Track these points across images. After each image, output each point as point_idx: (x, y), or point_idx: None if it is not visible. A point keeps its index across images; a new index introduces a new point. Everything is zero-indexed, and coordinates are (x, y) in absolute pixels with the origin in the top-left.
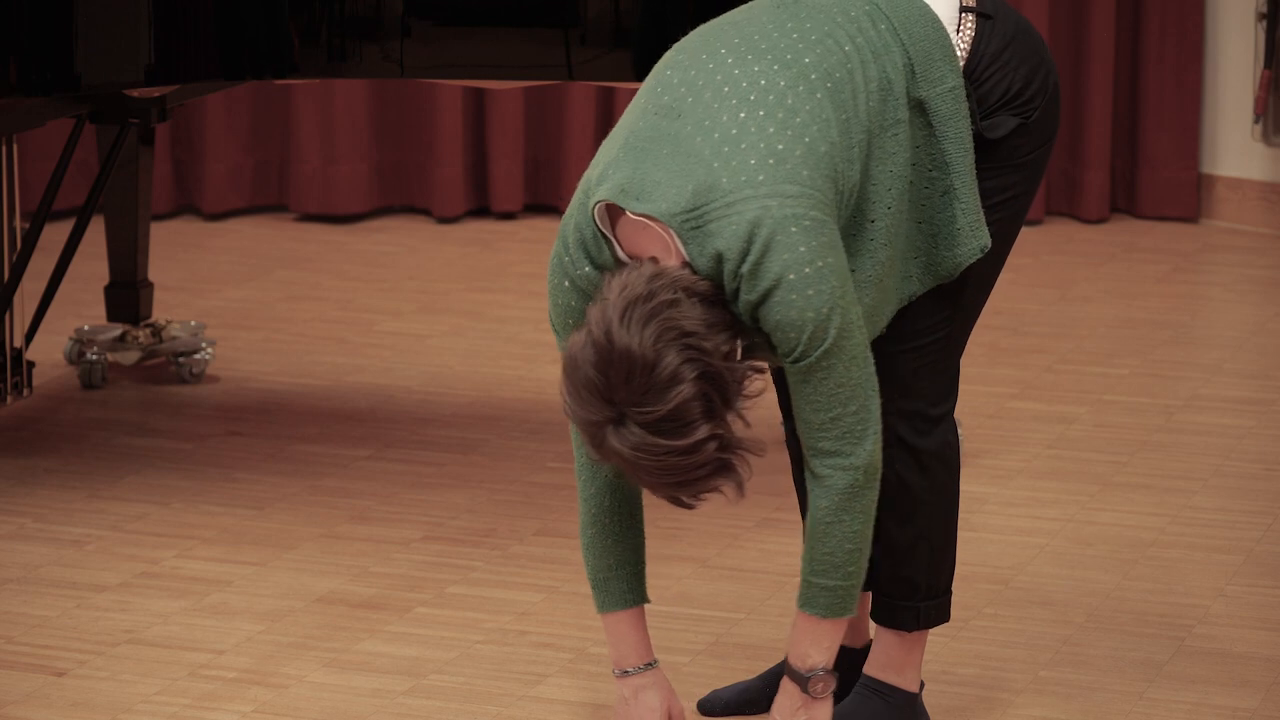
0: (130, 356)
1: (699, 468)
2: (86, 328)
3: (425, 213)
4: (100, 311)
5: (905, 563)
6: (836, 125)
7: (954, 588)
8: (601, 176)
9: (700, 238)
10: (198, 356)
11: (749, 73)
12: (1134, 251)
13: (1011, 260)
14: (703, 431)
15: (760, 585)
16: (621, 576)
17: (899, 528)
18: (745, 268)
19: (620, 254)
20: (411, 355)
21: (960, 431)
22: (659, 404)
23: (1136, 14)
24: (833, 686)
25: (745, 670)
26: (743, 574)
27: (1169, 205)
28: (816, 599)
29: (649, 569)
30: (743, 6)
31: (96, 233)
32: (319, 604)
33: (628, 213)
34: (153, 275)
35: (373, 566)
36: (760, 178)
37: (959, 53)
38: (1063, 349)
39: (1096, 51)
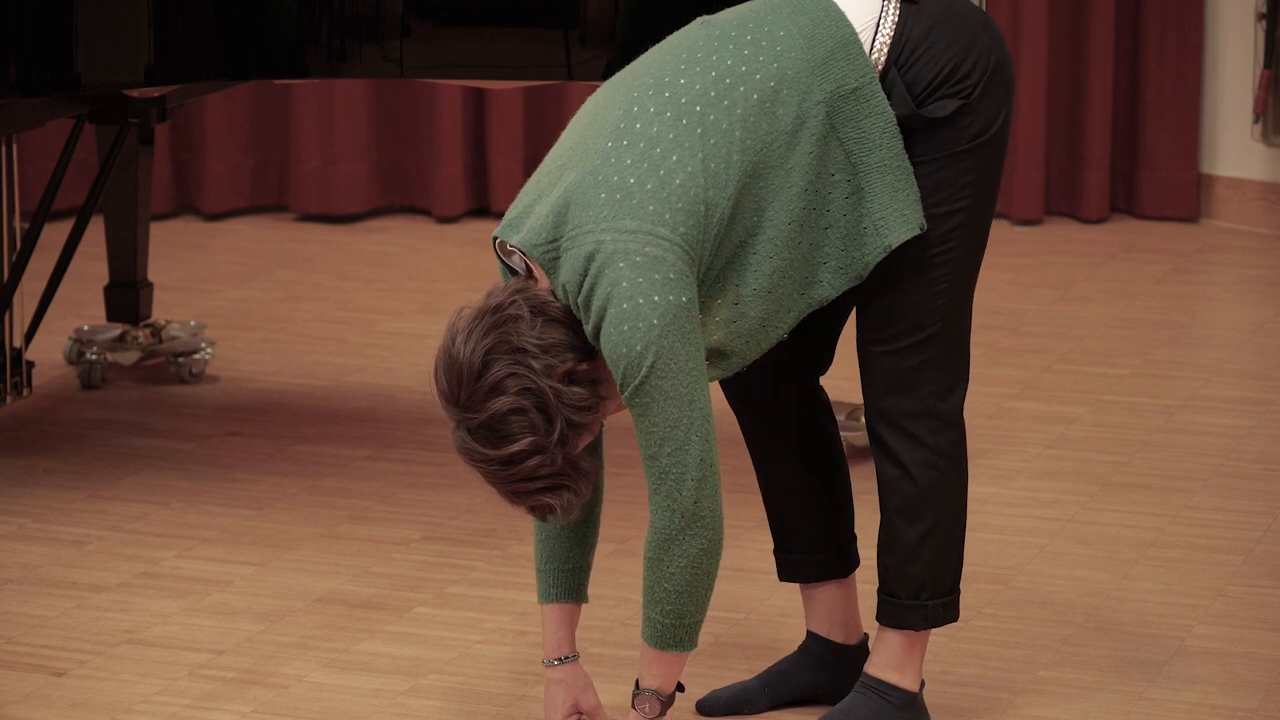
0: (130, 356)
1: (522, 480)
2: (86, 328)
3: (425, 213)
4: (100, 311)
5: (911, 560)
6: (702, 150)
7: None
8: (515, 201)
9: (556, 269)
10: (197, 356)
11: (627, 98)
12: (1134, 251)
13: (1011, 260)
14: (521, 445)
15: (759, 585)
16: (550, 571)
17: (906, 525)
18: (580, 299)
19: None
20: (411, 355)
21: None
22: (478, 412)
23: (1136, 14)
24: (656, 711)
25: (744, 670)
26: (741, 574)
27: (1169, 205)
28: (644, 626)
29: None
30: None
31: (96, 233)
32: (319, 604)
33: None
34: (153, 275)
35: (373, 566)
36: (604, 213)
37: (883, 40)
38: (1063, 349)
39: (1096, 51)
